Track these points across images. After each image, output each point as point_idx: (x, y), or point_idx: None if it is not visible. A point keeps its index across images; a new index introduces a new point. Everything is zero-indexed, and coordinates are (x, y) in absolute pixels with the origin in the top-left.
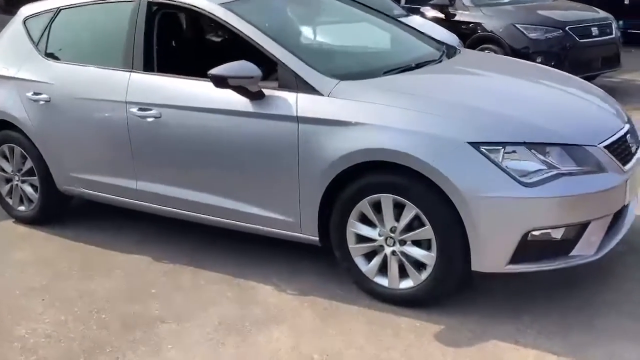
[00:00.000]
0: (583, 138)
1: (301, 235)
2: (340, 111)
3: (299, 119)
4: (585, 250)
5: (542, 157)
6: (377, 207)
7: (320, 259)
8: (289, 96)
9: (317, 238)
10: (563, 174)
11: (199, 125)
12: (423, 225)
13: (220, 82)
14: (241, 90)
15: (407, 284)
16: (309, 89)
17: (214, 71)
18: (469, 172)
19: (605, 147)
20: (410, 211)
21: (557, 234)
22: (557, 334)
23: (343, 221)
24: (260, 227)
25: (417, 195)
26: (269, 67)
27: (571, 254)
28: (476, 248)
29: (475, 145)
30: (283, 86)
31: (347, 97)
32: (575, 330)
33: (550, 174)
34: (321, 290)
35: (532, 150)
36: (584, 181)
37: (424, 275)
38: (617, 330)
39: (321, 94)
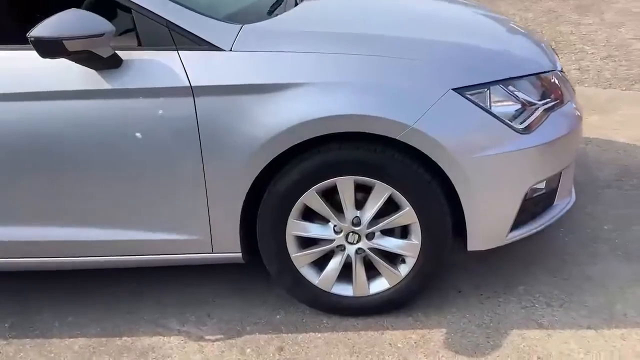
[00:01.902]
0: (546, 64)
1: (213, 255)
2: (262, 70)
3: (194, 91)
4: (564, 197)
5: (520, 95)
6: (325, 196)
7: (223, 278)
8: (166, 57)
9: (240, 253)
10: (547, 111)
11: (12, 121)
12: (397, 208)
13: (52, 48)
14: (86, 57)
15: (379, 286)
16: (199, 43)
17: (39, 32)
18: (460, 127)
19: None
20: (382, 193)
21: (542, 185)
22: (569, 302)
23: (280, 223)
24: (147, 257)
25: (391, 171)
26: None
27: (554, 204)
28: (474, 223)
29: (460, 91)
30: (149, 44)
31: (260, 49)
32: (581, 291)
33: (534, 113)
34: (255, 325)
35: (510, 87)
36: (564, 115)
37: (404, 269)
38: (619, 277)
39: (220, 49)
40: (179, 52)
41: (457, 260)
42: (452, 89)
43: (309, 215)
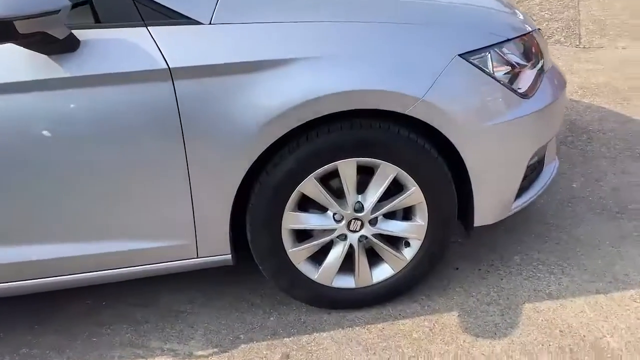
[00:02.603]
0: (527, 24)
1: (198, 260)
2: (250, 46)
3: (172, 74)
4: (550, 162)
5: (513, 58)
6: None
7: (194, 281)
8: (133, 35)
9: (229, 255)
10: (540, 74)
11: None
12: (400, 189)
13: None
14: (39, 39)
15: (382, 274)
16: (171, 16)
17: None
18: (469, 96)
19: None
20: (387, 174)
21: None
22: (569, 267)
23: (275, 217)
24: (117, 271)
25: (397, 149)
26: None
27: (544, 170)
28: (482, 197)
29: (466, 57)
30: (109, 20)
31: (245, 20)
32: (576, 254)
33: (529, 77)
34: (250, 332)
35: (503, 50)
36: (555, 77)
37: (409, 253)
38: (606, 236)
39: (197, 22)
40: (149, 28)
41: None
42: (459, 55)
43: (302, 205)
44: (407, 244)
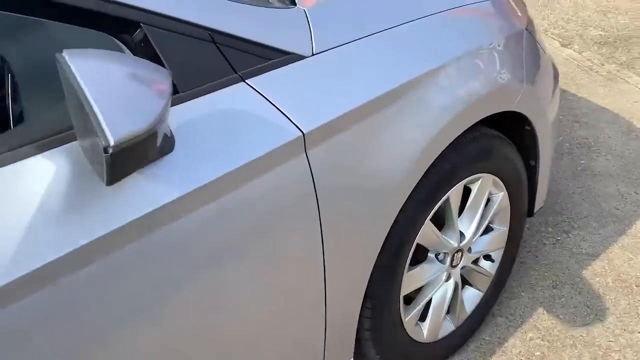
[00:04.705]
0: None
1: None
2: (384, 67)
3: (306, 141)
4: None
5: None
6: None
7: None
8: (236, 97)
9: (352, 358)
10: None
11: None
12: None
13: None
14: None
15: (473, 300)
16: (269, 56)
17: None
18: (538, 71)
19: None
20: (487, 186)
21: None
22: (567, 220)
23: (396, 286)
24: None
25: (495, 154)
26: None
27: None
28: (542, 177)
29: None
30: (190, 85)
31: (353, 36)
32: (558, 203)
33: None
34: None
35: None
36: None
37: (493, 267)
38: (560, 176)
39: (300, 56)
40: (247, 81)
41: None
42: (525, 29)
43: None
44: (488, 258)
